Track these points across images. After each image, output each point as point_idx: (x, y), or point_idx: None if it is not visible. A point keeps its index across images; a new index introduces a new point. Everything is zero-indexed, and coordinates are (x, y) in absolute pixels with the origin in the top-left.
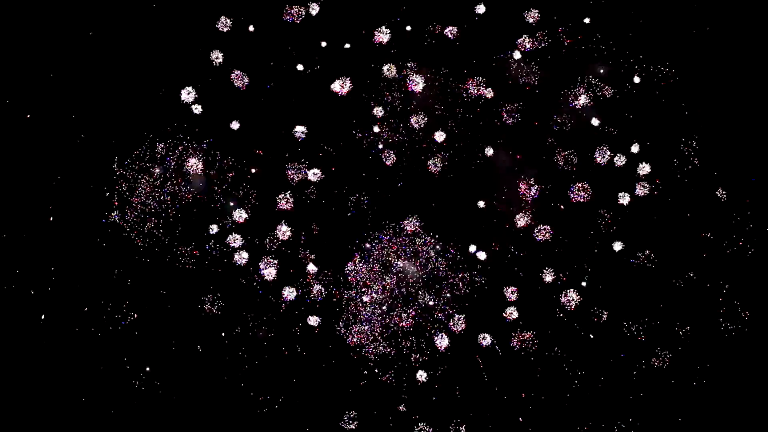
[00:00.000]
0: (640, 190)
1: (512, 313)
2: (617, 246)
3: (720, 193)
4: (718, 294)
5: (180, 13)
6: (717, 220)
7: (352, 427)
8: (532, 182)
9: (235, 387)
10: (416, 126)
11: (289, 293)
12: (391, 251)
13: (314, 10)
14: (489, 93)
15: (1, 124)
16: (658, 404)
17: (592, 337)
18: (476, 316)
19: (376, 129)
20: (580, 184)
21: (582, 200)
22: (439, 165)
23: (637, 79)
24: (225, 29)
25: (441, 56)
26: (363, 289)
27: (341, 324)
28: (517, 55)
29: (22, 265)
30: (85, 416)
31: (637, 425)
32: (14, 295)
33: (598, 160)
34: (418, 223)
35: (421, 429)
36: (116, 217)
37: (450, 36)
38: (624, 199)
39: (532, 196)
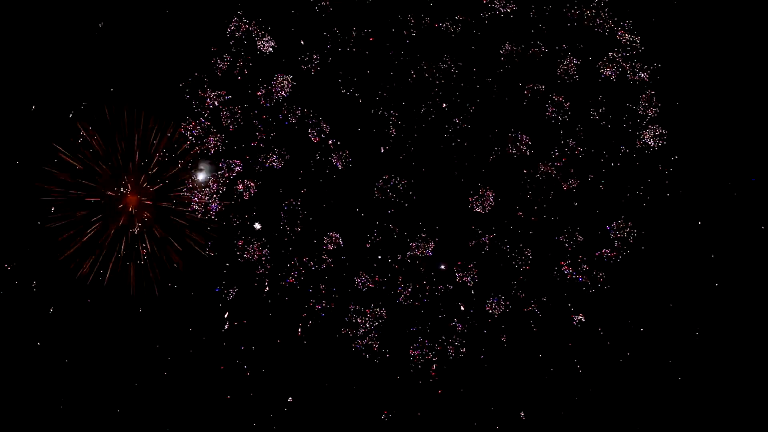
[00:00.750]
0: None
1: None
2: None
3: (724, 187)
4: (717, 292)
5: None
6: (717, 219)
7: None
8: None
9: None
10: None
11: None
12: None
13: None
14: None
15: (2, 120)
16: (659, 402)
17: (600, 330)
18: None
19: (392, 130)
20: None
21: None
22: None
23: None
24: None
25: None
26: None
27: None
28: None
29: (22, 261)
30: (85, 410)
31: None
32: (16, 292)
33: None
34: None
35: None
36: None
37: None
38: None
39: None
